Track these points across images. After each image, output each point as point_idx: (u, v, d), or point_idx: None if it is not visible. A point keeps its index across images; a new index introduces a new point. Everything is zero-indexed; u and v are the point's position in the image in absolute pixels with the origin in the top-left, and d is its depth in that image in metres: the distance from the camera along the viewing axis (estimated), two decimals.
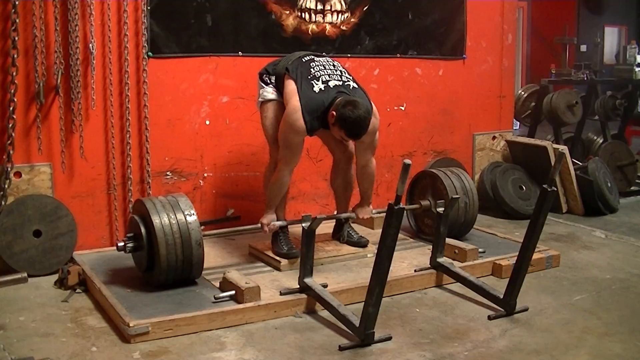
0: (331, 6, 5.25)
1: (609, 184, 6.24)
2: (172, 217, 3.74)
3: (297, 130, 3.94)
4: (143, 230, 3.77)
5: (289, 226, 4.39)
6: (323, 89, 3.99)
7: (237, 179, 5.05)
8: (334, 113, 3.86)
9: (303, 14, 5.15)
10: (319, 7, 5.21)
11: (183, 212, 3.78)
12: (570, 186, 6.07)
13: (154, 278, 3.81)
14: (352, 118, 3.80)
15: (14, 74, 4.15)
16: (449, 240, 4.31)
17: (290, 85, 4.02)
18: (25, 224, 4.24)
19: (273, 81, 4.20)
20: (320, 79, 4.03)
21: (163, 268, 3.70)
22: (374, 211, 4.47)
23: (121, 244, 3.84)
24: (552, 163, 5.65)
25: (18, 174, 4.31)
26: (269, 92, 4.21)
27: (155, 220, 3.69)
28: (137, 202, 4.00)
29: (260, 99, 4.27)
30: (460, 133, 6.11)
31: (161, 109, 4.71)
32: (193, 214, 3.80)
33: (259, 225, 4.19)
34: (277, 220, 4.34)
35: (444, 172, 4.76)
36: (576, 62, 7.86)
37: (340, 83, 4.05)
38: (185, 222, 3.75)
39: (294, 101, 3.95)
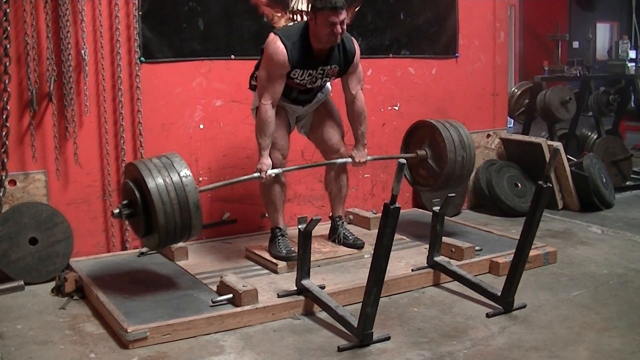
0: None
1: (604, 180, 6.25)
2: (168, 180, 3.59)
3: (278, 59, 3.93)
4: (138, 195, 3.63)
5: (287, 230, 4.40)
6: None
7: None
8: (311, 11, 3.96)
9: (295, 16, 5.15)
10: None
11: (178, 174, 3.64)
12: (566, 182, 6.09)
13: (153, 243, 3.75)
14: None
15: (7, 81, 4.15)
16: (445, 239, 4.31)
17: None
18: (21, 231, 4.23)
19: None
20: None
21: (162, 235, 3.61)
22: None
23: (117, 211, 3.73)
24: (547, 160, 5.68)
25: (13, 182, 4.29)
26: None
27: (151, 185, 3.55)
28: (129, 165, 3.87)
29: (252, 107, 4.29)
30: None
31: (155, 114, 4.70)
32: (189, 175, 3.65)
33: (256, 173, 4.09)
34: (277, 221, 4.34)
35: (443, 124, 4.66)
36: (569, 59, 7.87)
37: None
38: (182, 184, 3.61)
39: (271, 35, 4.01)
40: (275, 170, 4.15)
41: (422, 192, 4.85)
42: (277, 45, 3.94)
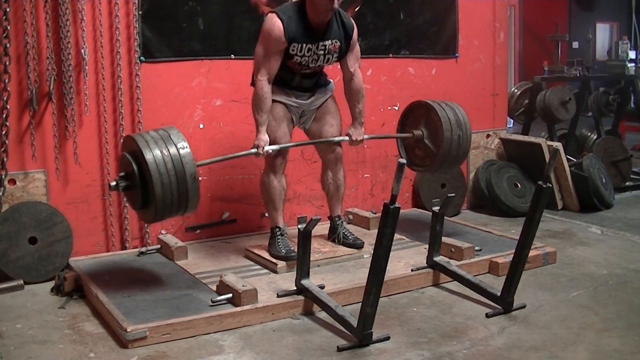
0: None
1: (604, 180, 6.25)
2: (165, 151, 3.56)
3: (274, 34, 3.96)
4: (135, 167, 3.59)
5: (287, 229, 4.40)
6: None
7: (232, 182, 5.04)
8: None
9: None
10: None
11: (176, 146, 3.61)
12: (565, 183, 6.09)
13: (149, 216, 3.72)
14: None
15: (7, 81, 4.15)
16: (445, 239, 4.31)
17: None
18: (20, 231, 4.23)
19: None
20: None
21: (159, 207, 3.58)
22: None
23: (113, 183, 3.69)
24: (547, 160, 5.68)
25: (12, 181, 4.30)
26: None
27: (148, 157, 3.52)
28: (126, 138, 3.84)
29: None
30: None
31: (154, 113, 4.70)
32: (186, 147, 3.63)
33: (253, 149, 4.09)
34: (277, 220, 4.34)
35: (439, 104, 4.65)
36: (568, 59, 7.87)
37: None
38: (179, 156, 3.58)
39: (269, 14, 4.06)
40: (273, 147, 4.14)
41: (419, 172, 4.89)
42: (273, 21, 3.97)
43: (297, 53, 4.05)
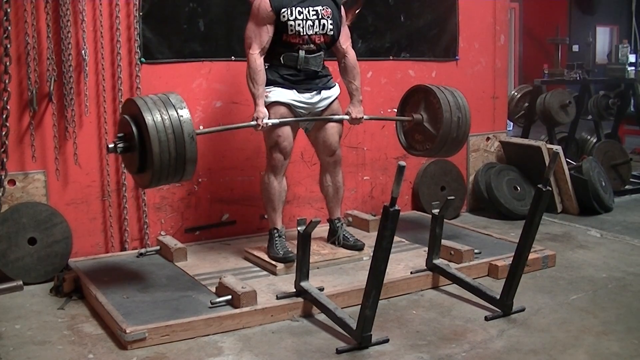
0: None
1: (604, 183, 6.25)
2: (164, 113, 3.57)
3: (261, 5, 4.07)
4: (134, 129, 3.59)
5: (285, 230, 4.40)
6: None
7: (232, 183, 5.04)
8: None
9: None
10: None
11: (174, 107, 3.62)
12: (565, 186, 6.09)
13: (147, 179, 3.70)
14: None
15: (7, 81, 4.14)
16: (444, 242, 4.31)
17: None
18: (19, 231, 4.23)
19: None
20: None
21: (156, 168, 3.57)
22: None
23: (111, 145, 3.69)
24: (547, 163, 5.68)
25: (12, 182, 4.29)
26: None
27: (148, 118, 3.52)
28: (127, 101, 3.84)
29: None
30: None
31: None
32: (184, 108, 3.64)
33: (252, 122, 4.12)
34: (275, 222, 4.34)
35: (438, 87, 4.68)
36: (569, 62, 7.86)
37: None
38: (177, 117, 3.59)
39: None
40: (273, 120, 4.15)
41: (418, 156, 4.93)
42: None
43: (289, 18, 4.10)
